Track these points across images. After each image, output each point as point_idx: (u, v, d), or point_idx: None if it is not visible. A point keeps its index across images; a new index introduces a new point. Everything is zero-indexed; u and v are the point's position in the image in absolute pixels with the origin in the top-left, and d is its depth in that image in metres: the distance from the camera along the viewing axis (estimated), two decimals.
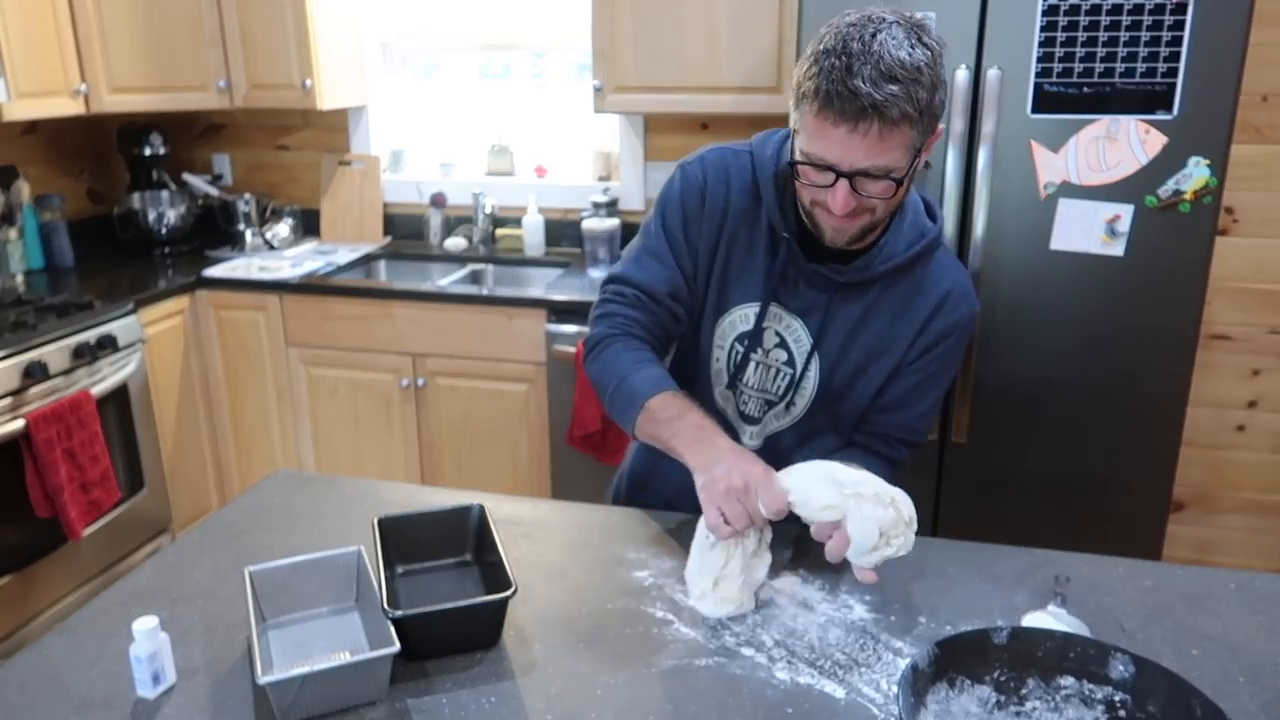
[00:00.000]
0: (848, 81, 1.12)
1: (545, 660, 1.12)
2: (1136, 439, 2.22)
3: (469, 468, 2.98)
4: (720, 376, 1.44)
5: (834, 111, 1.14)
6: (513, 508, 1.47)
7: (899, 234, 1.33)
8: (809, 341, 1.38)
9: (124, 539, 2.77)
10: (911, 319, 1.36)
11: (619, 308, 1.41)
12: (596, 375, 1.40)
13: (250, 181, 3.63)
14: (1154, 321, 2.14)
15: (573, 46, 3.27)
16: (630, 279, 1.41)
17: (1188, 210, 2.07)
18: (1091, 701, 0.98)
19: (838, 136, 1.15)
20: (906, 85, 1.13)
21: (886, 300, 1.36)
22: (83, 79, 2.95)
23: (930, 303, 1.36)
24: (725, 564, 1.20)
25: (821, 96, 1.14)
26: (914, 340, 1.37)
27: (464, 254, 3.33)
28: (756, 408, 1.45)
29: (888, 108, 1.12)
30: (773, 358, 1.41)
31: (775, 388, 1.42)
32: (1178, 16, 1.96)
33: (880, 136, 1.14)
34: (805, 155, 1.21)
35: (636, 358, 1.36)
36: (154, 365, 2.88)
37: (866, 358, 1.38)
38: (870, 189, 1.20)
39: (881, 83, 1.12)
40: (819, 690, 1.06)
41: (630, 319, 1.40)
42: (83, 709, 1.04)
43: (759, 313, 1.38)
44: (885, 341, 1.37)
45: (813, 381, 1.40)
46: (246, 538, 1.39)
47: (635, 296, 1.40)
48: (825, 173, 1.20)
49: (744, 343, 1.40)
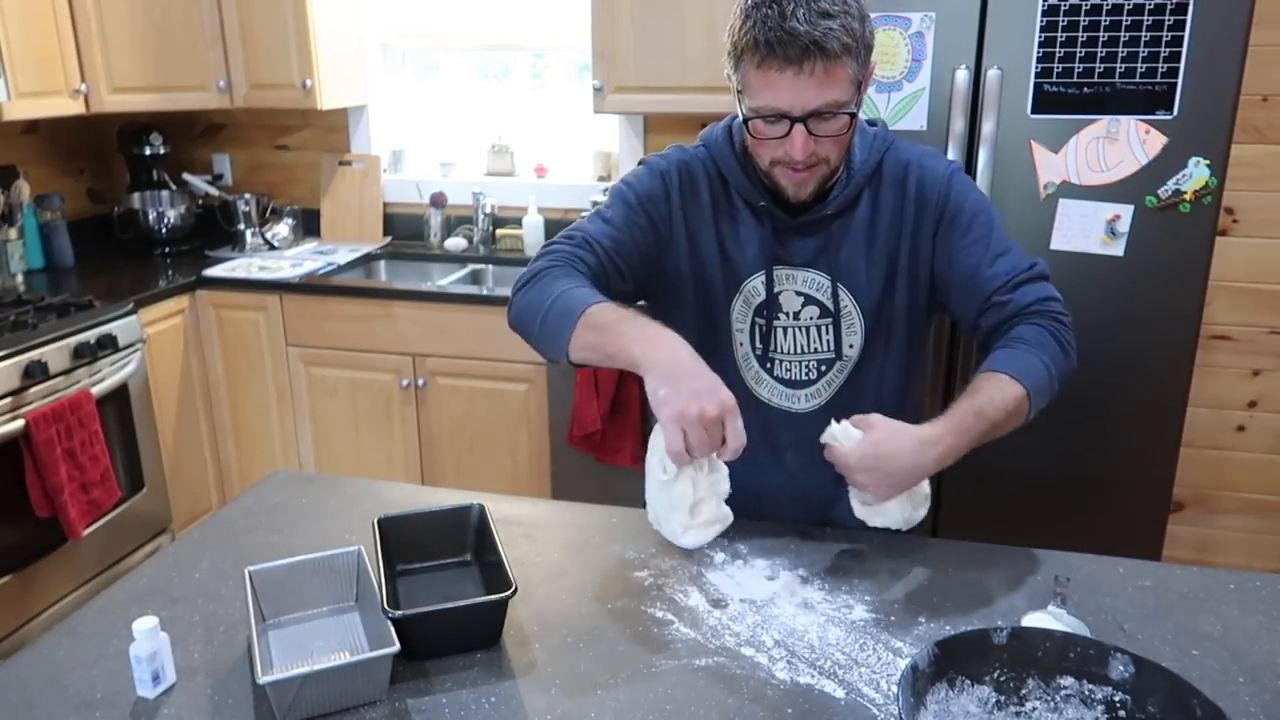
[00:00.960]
0: (785, 25, 1.16)
1: (545, 660, 1.12)
2: (1136, 439, 2.22)
3: (469, 468, 2.98)
4: (749, 358, 1.45)
5: (777, 58, 1.18)
6: (513, 508, 1.47)
7: (856, 149, 1.37)
8: (828, 281, 1.39)
9: (124, 539, 2.77)
10: (902, 209, 1.38)
11: (563, 245, 1.37)
12: (528, 303, 1.31)
13: (250, 181, 3.63)
14: (1154, 322, 2.14)
15: (573, 46, 3.27)
16: (579, 229, 1.39)
17: (1188, 210, 2.07)
18: (1091, 701, 0.98)
19: (784, 82, 1.19)
20: (840, 18, 1.18)
21: (873, 209, 1.39)
22: (83, 79, 2.95)
23: (910, 184, 1.38)
24: (694, 488, 1.17)
25: (762, 47, 1.18)
26: (917, 222, 1.38)
27: (464, 254, 3.33)
28: (805, 370, 1.43)
29: (828, 42, 1.17)
30: (805, 317, 1.41)
31: (825, 344, 1.42)
32: (1178, 16, 1.96)
33: (826, 72, 1.19)
34: (755, 111, 1.24)
35: (576, 282, 1.29)
36: (154, 365, 2.88)
37: (888, 266, 1.39)
38: (824, 129, 1.24)
39: (817, 20, 1.17)
40: (819, 690, 1.06)
41: (574, 256, 1.35)
42: (83, 709, 1.04)
43: (766, 280, 1.40)
44: (895, 244, 1.39)
45: (855, 317, 1.41)
46: (246, 538, 1.40)
47: (582, 239, 1.37)
48: (778, 123, 1.23)
49: (763, 314, 1.42)
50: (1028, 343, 1.32)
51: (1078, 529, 2.29)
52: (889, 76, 2.14)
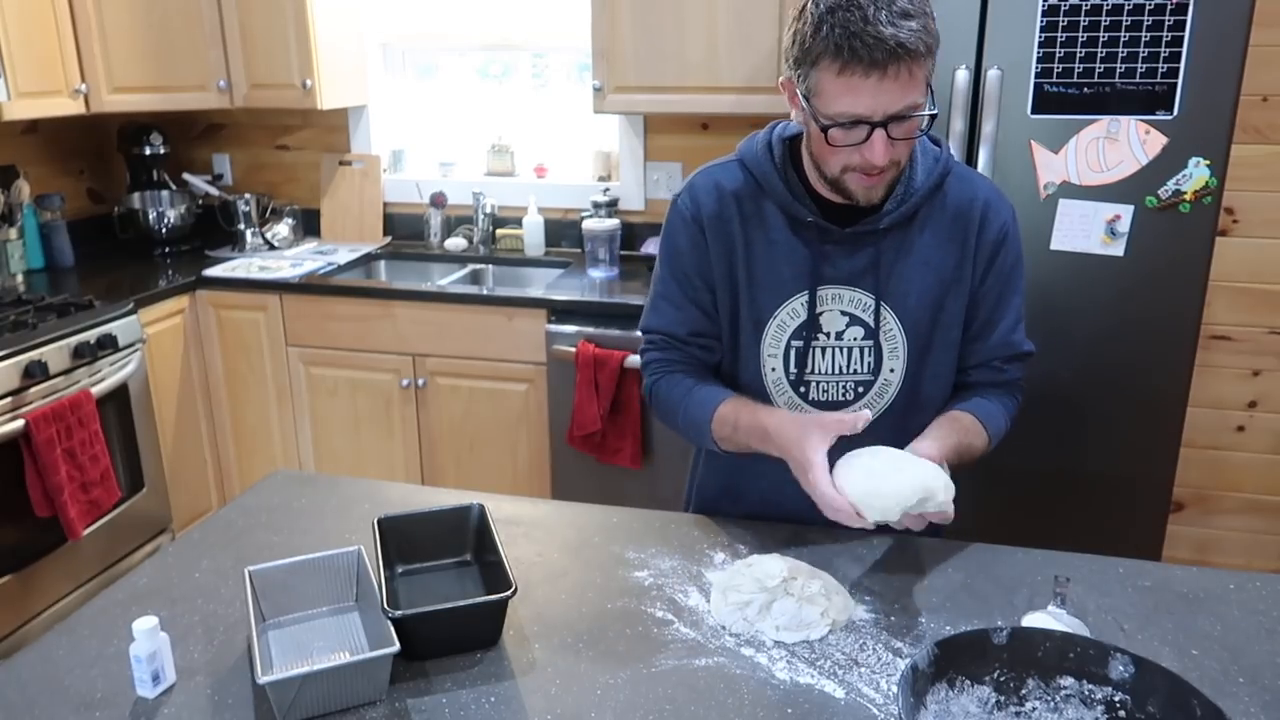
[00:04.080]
0: (869, 30, 1.12)
1: (545, 660, 1.12)
2: (1136, 439, 2.22)
3: (469, 468, 2.98)
4: (780, 384, 1.41)
5: (861, 63, 1.13)
6: (513, 508, 1.47)
7: (915, 163, 1.34)
8: (872, 300, 1.36)
9: (124, 539, 2.77)
10: (964, 238, 1.36)
11: (653, 354, 1.48)
12: (663, 416, 1.48)
13: (250, 181, 3.63)
14: (1154, 322, 2.14)
15: (573, 46, 3.27)
16: (655, 328, 1.46)
17: (1188, 210, 2.07)
18: (1091, 702, 0.98)
19: (867, 88, 1.15)
20: (920, 18, 1.15)
21: (931, 230, 1.36)
22: (83, 79, 2.95)
23: (974, 218, 1.36)
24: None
25: (845, 52, 1.13)
26: (974, 260, 1.37)
27: (464, 254, 3.33)
28: (841, 392, 1.41)
29: (913, 44, 1.13)
30: (848, 338, 1.38)
31: (865, 365, 1.39)
32: (1178, 16, 1.96)
33: (910, 75, 1.16)
34: (831, 118, 1.20)
35: (681, 390, 1.42)
36: (154, 365, 2.88)
37: (937, 292, 1.37)
38: (901, 131, 1.20)
39: (899, 21, 1.13)
40: (819, 690, 1.06)
41: (665, 360, 1.46)
42: (83, 709, 1.04)
43: (808, 299, 1.36)
44: (947, 271, 1.37)
45: (898, 338, 1.38)
46: (246, 538, 1.40)
47: (664, 341, 1.45)
48: (855, 128, 1.19)
49: (801, 336, 1.38)
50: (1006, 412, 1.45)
51: (1078, 529, 2.29)
52: None
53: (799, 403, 1.41)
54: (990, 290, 1.39)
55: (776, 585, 1.18)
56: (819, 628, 1.16)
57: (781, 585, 1.18)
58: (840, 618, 1.18)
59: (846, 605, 1.20)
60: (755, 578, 1.20)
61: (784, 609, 1.16)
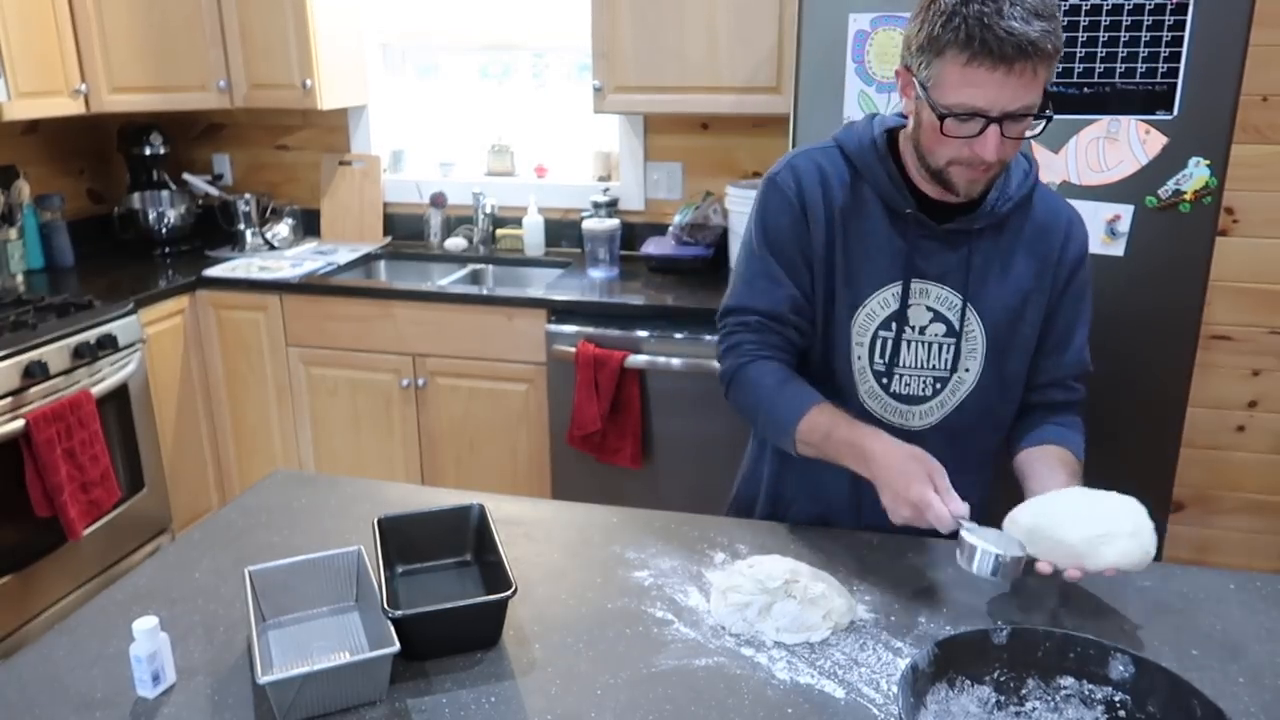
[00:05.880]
0: (1001, 24, 1.13)
1: (545, 660, 1.12)
2: (1136, 439, 2.22)
3: (469, 468, 2.98)
4: (865, 373, 1.41)
5: (990, 56, 1.14)
6: (513, 508, 1.47)
7: (1009, 173, 1.35)
8: (959, 300, 1.37)
9: (124, 539, 2.77)
10: (1046, 252, 1.38)
11: (744, 335, 1.42)
12: (741, 407, 1.44)
13: (250, 181, 3.63)
14: (1154, 322, 2.14)
15: (573, 46, 3.27)
16: (750, 307, 1.42)
17: (1188, 210, 2.07)
18: (1091, 701, 0.98)
19: (992, 81, 1.16)
20: (1050, 20, 1.15)
21: (1018, 240, 1.38)
22: (83, 79, 2.95)
23: (1059, 232, 1.39)
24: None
25: (976, 43, 1.14)
26: (1055, 271, 1.39)
27: (464, 254, 3.33)
28: (921, 386, 1.41)
29: (1043, 44, 1.14)
30: (930, 333, 1.39)
31: (943, 362, 1.40)
32: (1178, 16, 1.96)
33: (1034, 74, 1.16)
34: (947, 108, 1.20)
35: (774, 380, 1.39)
36: (154, 365, 2.88)
37: (1018, 301, 1.38)
38: (1014, 130, 1.21)
39: (1031, 20, 1.13)
40: (819, 690, 1.06)
41: (760, 343, 1.41)
42: (83, 709, 1.04)
43: (901, 292, 1.37)
44: (1029, 282, 1.38)
45: (979, 340, 1.39)
46: (246, 538, 1.40)
47: (759, 322, 1.41)
48: (970, 121, 1.20)
49: (890, 327, 1.39)
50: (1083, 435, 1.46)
51: None
52: (890, 76, 2.14)
53: (879, 393, 1.42)
54: (1067, 307, 1.42)
55: (777, 587, 1.18)
56: (820, 630, 1.16)
57: (783, 587, 1.18)
58: (843, 621, 1.18)
59: (850, 608, 1.20)
60: (756, 579, 1.20)
61: (785, 611, 1.16)
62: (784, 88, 2.67)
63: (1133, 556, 1.14)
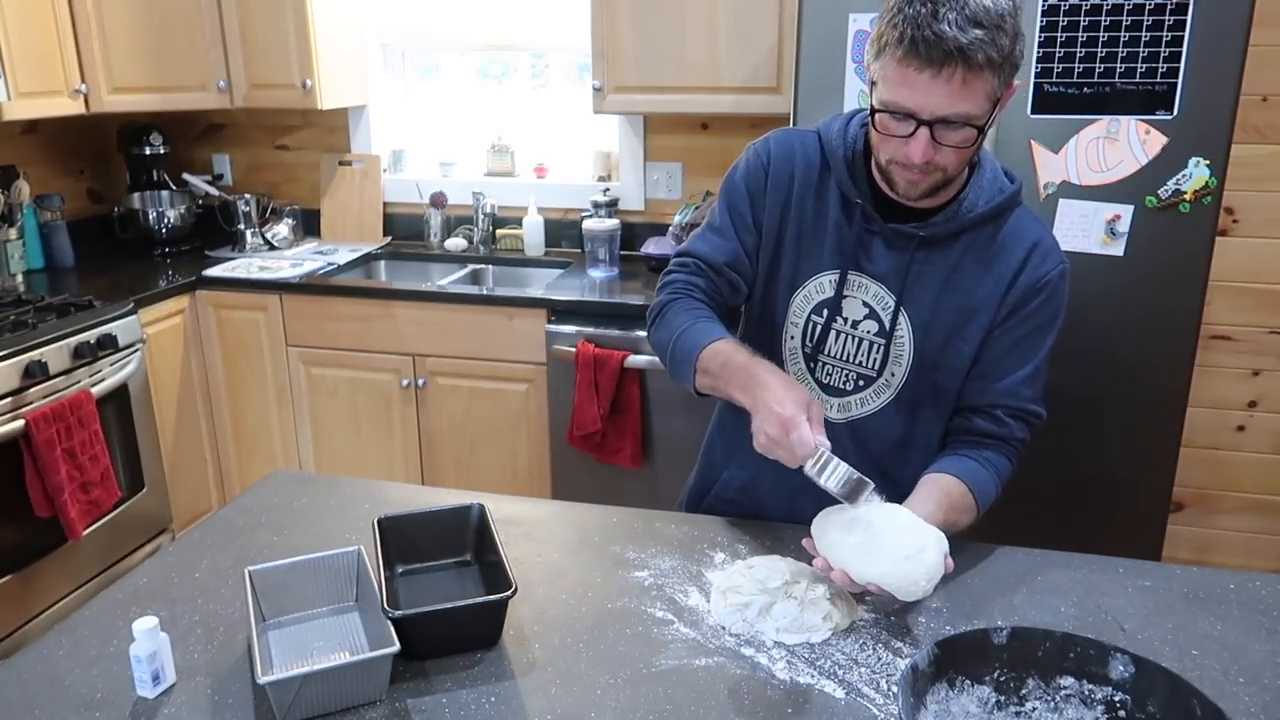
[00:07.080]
0: (933, 26, 1.13)
1: (545, 660, 1.12)
2: (1136, 439, 2.22)
3: (469, 468, 2.98)
4: (795, 354, 1.43)
5: (919, 57, 1.15)
6: (513, 508, 1.47)
7: (979, 189, 1.34)
8: (893, 300, 1.36)
9: (124, 539, 2.77)
10: (999, 274, 1.34)
11: (679, 275, 1.46)
12: (657, 341, 1.45)
13: (250, 181, 3.63)
14: (1154, 322, 2.14)
15: (573, 46, 3.27)
16: (692, 251, 1.46)
17: (1188, 210, 2.07)
18: (1091, 701, 0.98)
19: (920, 83, 1.16)
20: (991, 31, 1.14)
21: (972, 258, 1.35)
22: (83, 79, 2.95)
23: (1017, 257, 1.34)
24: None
25: (906, 43, 1.15)
26: (1004, 296, 1.35)
27: (464, 254, 3.33)
28: (843, 379, 1.41)
29: (972, 52, 1.13)
30: (862, 329, 1.38)
31: (871, 361, 1.39)
32: (1178, 16, 1.96)
33: (964, 82, 1.15)
34: (884, 104, 1.21)
35: (691, 316, 1.40)
36: (154, 365, 2.88)
37: (959, 318, 1.36)
38: (949, 138, 1.20)
39: (967, 26, 1.13)
40: (819, 690, 1.06)
41: (690, 284, 1.45)
42: (83, 709, 1.04)
43: (838, 279, 1.38)
44: (975, 300, 1.35)
45: (907, 346, 1.37)
46: (246, 538, 1.40)
47: (695, 265, 1.45)
48: (905, 121, 1.20)
49: (822, 313, 1.39)
50: (998, 479, 1.39)
51: (1078, 529, 2.29)
52: None
53: (807, 378, 1.43)
54: (1010, 332, 1.36)
55: (778, 587, 1.18)
56: (821, 631, 1.16)
57: (783, 588, 1.18)
58: (844, 623, 1.17)
59: (851, 610, 1.20)
60: (757, 579, 1.20)
61: (785, 611, 1.16)
62: (784, 88, 2.67)
63: (893, 579, 1.12)
